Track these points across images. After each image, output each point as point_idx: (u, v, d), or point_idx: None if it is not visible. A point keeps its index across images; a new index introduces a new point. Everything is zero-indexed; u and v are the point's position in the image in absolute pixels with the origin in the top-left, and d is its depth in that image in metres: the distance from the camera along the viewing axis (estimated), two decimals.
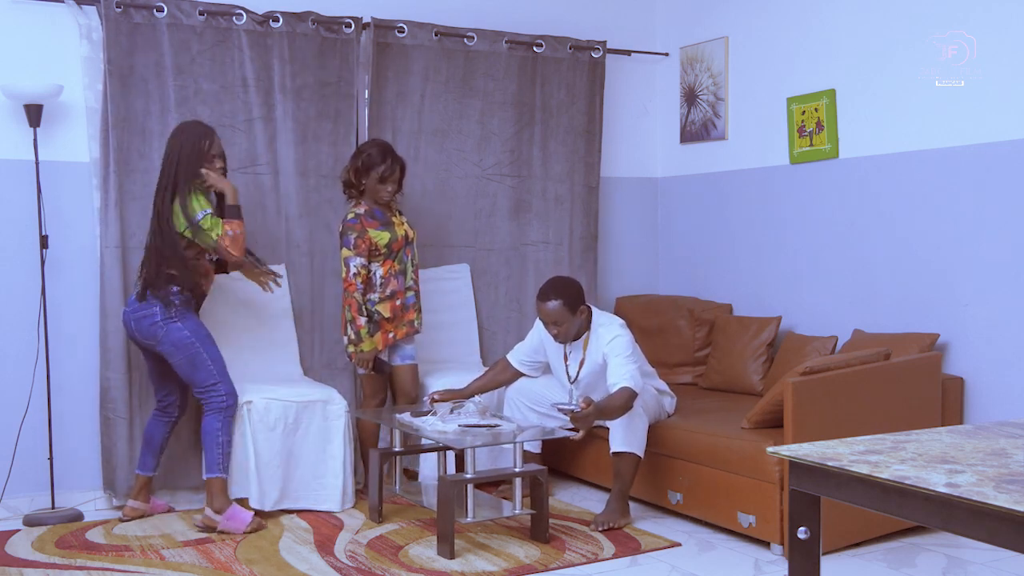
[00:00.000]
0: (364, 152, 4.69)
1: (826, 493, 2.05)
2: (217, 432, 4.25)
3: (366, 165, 4.65)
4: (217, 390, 4.26)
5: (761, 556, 3.94)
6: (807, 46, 5.12)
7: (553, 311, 4.32)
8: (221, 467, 4.25)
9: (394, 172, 4.67)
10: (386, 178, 4.65)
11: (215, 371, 4.25)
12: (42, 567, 3.83)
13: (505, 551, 3.97)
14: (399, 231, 4.72)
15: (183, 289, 4.24)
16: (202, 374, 4.25)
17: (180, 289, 4.23)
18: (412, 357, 4.84)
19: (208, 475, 4.27)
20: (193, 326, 4.25)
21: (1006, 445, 2.16)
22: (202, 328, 4.29)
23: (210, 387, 4.26)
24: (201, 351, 4.23)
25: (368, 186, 4.67)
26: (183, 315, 4.23)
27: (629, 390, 4.20)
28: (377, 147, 4.69)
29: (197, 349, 4.22)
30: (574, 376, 4.50)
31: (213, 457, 4.25)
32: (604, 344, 4.34)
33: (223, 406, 4.26)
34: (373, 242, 4.64)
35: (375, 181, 4.65)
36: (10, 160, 4.56)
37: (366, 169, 4.65)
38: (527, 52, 5.50)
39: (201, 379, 4.26)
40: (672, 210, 6.07)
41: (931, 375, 4.19)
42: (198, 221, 4.18)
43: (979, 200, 4.35)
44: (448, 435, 4.01)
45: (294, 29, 4.93)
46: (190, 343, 4.22)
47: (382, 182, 4.65)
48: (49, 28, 4.60)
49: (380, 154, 4.65)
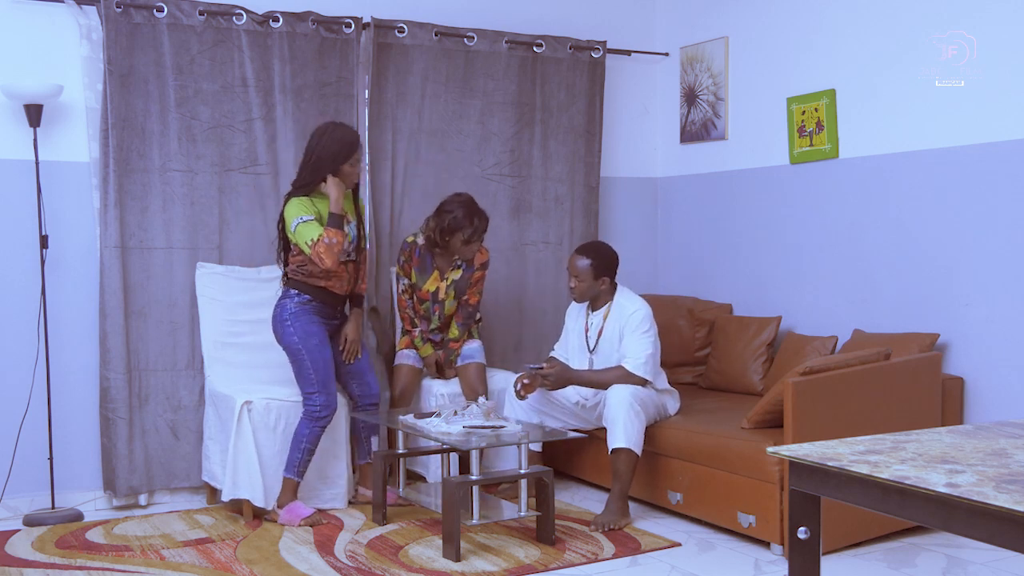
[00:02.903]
0: (450, 213, 4.69)
1: (826, 493, 2.05)
2: (303, 438, 4.34)
3: (451, 227, 4.69)
4: (313, 400, 4.34)
5: (761, 556, 3.94)
6: (807, 46, 5.12)
7: (579, 267, 4.50)
8: (295, 470, 4.35)
9: (480, 233, 4.74)
10: (471, 240, 4.71)
11: (315, 381, 4.33)
12: (42, 567, 3.83)
13: (506, 551, 3.97)
14: (431, 286, 4.84)
15: (301, 291, 4.37)
16: (302, 381, 4.36)
17: (298, 291, 4.37)
18: (472, 356, 4.93)
19: (284, 473, 4.37)
20: (303, 333, 4.34)
21: (1006, 445, 2.16)
22: (313, 336, 4.35)
23: (308, 395, 4.36)
24: (306, 359, 4.33)
25: (452, 244, 4.74)
26: (296, 319, 4.35)
27: (624, 370, 4.34)
28: (463, 208, 4.69)
29: (303, 356, 4.33)
30: (593, 345, 4.55)
31: (292, 458, 4.36)
32: (625, 316, 4.47)
33: (315, 416, 4.35)
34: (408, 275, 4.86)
35: (459, 242, 4.72)
36: (10, 160, 4.56)
37: (451, 231, 4.70)
38: (527, 52, 5.50)
39: (301, 385, 4.38)
40: (672, 210, 6.07)
41: (931, 375, 4.19)
42: (294, 227, 4.26)
43: (979, 200, 4.35)
44: (453, 437, 4.01)
45: (294, 29, 4.93)
46: (297, 349, 4.33)
47: (466, 243, 4.72)
48: (49, 28, 4.60)
49: (466, 217, 4.67)
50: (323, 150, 4.30)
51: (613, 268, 4.55)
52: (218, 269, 4.80)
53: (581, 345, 4.65)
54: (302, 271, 4.38)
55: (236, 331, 4.76)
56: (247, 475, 4.36)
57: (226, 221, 4.88)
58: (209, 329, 4.74)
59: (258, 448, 4.38)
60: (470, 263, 4.88)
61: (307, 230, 4.24)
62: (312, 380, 4.35)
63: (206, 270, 4.77)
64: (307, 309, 4.38)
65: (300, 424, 4.37)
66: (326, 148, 4.30)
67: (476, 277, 4.91)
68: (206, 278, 4.77)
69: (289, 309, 4.37)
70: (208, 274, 4.77)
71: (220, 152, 4.84)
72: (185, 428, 4.78)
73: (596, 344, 4.57)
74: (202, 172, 4.81)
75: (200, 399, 4.80)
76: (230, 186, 4.87)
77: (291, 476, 4.36)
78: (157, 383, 4.73)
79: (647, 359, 4.41)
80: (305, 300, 4.38)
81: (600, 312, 4.59)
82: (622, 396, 4.27)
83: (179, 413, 4.78)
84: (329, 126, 4.40)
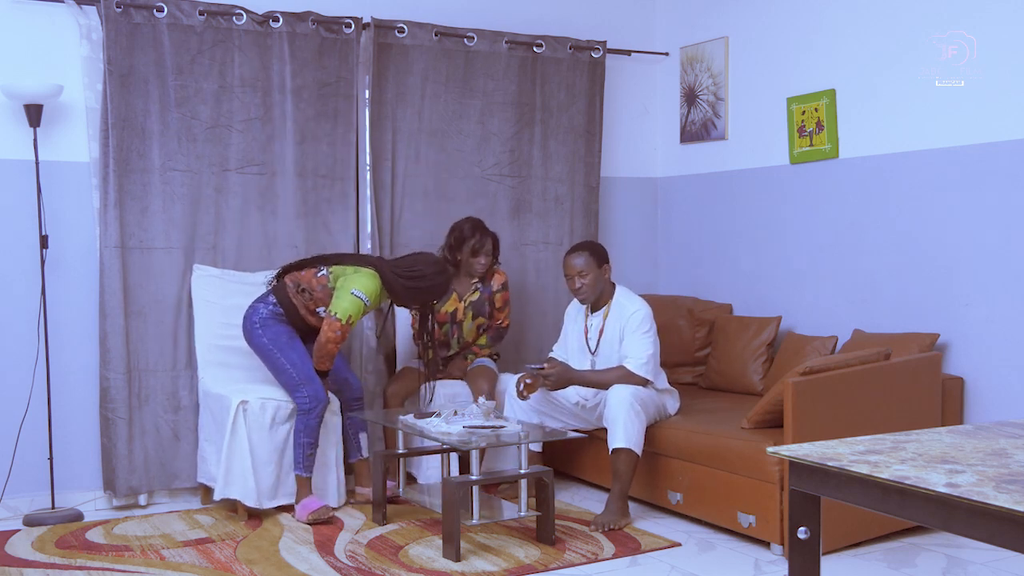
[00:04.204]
0: (456, 229, 4.97)
1: (826, 493, 2.05)
2: (299, 433, 4.39)
3: (458, 240, 4.91)
4: (300, 393, 4.39)
5: (761, 556, 3.94)
6: (807, 46, 5.12)
7: (580, 264, 4.50)
8: (301, 465, 4.40)
9: (484, 245, 4.90)
10: (477, 251, 4.90)
11: (294, 374, 4.38)
12: (42, 567, 3.83)
13: (506, 551, 3.97)
14: (449, 307, 4.96)
15: (280, 303, 4.46)
16: (283, 379, 4.42)
17: (277, 302, 4.45)
18: (484, 363, 5.04)
19: (293, 471, 4.42)
20: (272, 334, 4.41)
21: (1006, 445, 2.16)
22: (283, 335, 4.42)
23: (294, 391, 4.40)
24: (279, 356, 4.40)
25: (463, 259, 4.92)
26: (265, 323, 4.44)
27: (625, 370, 4.35)
28: (469, 223, 4.97)
29: (275, 355, 4.40)
30: (594, 347, 4.55)
31: (295, 455, 4.42)
32: (625, 316, 4.47)
33: (305, 408, 4.39)
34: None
35: (468, 255, 4.91)
36: (10, 160, 4.56)
37: (458, 244, 4.91)
38: (527, 52, 5.50)
39: (284, 384, 4.43)
40: (672, 210, 6.07)
41: (931, 375, 4.19)
42: (350, 291, 4.34)
43: (979, 200, 4.35)
44: (453, 437, 4.01)
45: (294, 29, 4.93)
46: (268, 349, 4.40)
47: (473, 255, 4.91)
48: (49, 28, 4.60)
49: (471, 229, 4.94)
50: (430, 284, 4.50)
51: (607, 256, 4.61)
52: (214, 272, 4.79)
53: (581, 346, 4.65)
54: (301, 296, 4.45)
55: (232, 334, 4.73)
56: (240, 475, 4.35)
57: (226, 221, 4.87)
58: (204, 332, 4.73)
59: (252, 448, 4.37)
60: (486, 283, 4.99)
61: (352, 306, 4.34)
62: (291, 375, 4.39)
63: (202, 272, 4.77)
64: (277, 319, 4.46)
65: (295, 421, 4.41)
66: (438, 286, 4.52)
67: (501, 300, 5.04)
68: (202, 281, 4.77)
69: (260, 313, 4.46)
70: (204, 276, 4.77)
71: (220, 152, 4.84)
72: (185, 428, 4.78)
73: (597, 346, 4.57)
74: (202, 172, 4.81)
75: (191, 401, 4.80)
76: (229, 186, 4.87)
77: (298, 472, 4.40)
78: (157, 383, 4.73)
79: (648, 359, 4.41)
80: (279, 312, 4.46)
81: (600, 313, 4.59)
82: (622, 396, 4.27)
83: (179, 413, 4.78)
84: (443, 270, 4.58)
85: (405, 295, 4.50)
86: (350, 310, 4.34)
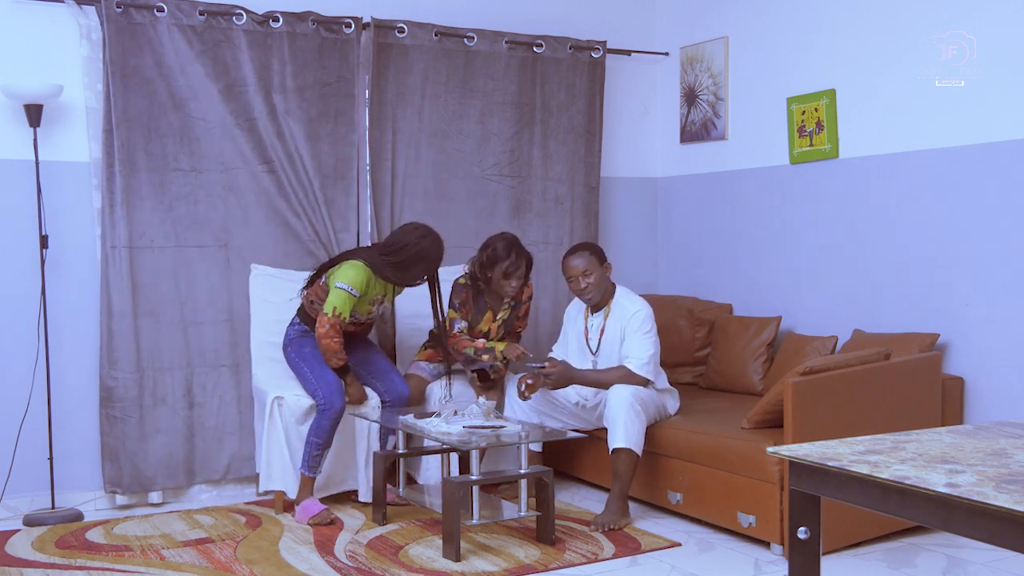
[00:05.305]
0: (490, 247, 4.74)
1: (826, 493, 2.05)
2: (311, 432, 4.47)
3: (491, 260, 4.71)
4: (317, 395, 4.49)
5: (761, 556, 3.94)
6: (807, 46, 5.13)
7: (582, 264, 4.48)
8: (306, 464, 4.45)
9: (519, 268, 4.73)
10: (510, 273, 4.71)
11: (312, 378, 4.52)
12: (42, 567, 3.83)
13: (506, 551, 3.97)
14: (484, 326, 4.89)
15: (303, 321, 4.61)
16: (306, 385, 4.57)
17: (300, 320, 4.62)
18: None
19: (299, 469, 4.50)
20: (299, 352, 4.59)
21: (1006, 445, 2.16)
22: (306, 348, 4.57)
23: (313, 394, 4.52)
24: (303, 366, 4.56)
25: (493, 279, 4.74)
26: (292, 343, 4.62)
27: (626, 370, 4.36)
28: (504, 242, 4.73)
29: (300, 366, 4.57)
30: (596, 347, 4.54)
31: (303, 454, 4.48)
32: (626, 317, 4.46)
33: (320, 409, 4.48)
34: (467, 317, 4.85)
35: (499, 276, 4.71)
36: (10, 160, 4.56)
37: (491, 263, 4.71)
38: (527, 52, 5.50)
39: (307, 389, 4.57)
40: (672, 210, 6.07)
41: (931, 375, 4.19)
42: (336, 285, 4.41)
43: (979, 200, 4.35)
44: (453, 437, 4.01)
45: (294, 29, 4.93)
46: (296, 363, 4.60)
47: (506, 277, 4.71)
48: (49, 28, 4.60)
49: (505, 249, 4.69)
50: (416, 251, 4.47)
51: (605, 255, 4.61)
52: (271, 271, 4.91)
53: (582, 347, 4.64)
54: (313, 308, 4.57)
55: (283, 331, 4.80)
56: (280, 468, 4.50)
57: (226, 221, 4.88)
58: (259, 329, 4.85)
59: (288, 442, 4.51)
60: (517, 299, 4.93)
61: (336, 298, 4.40)
62: (310, 379, 4.51)
63: (260, 272, 4.90)
64: (304, 340, 4.60)
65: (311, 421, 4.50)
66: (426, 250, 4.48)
67: (524, 310, 5.03)
68: (260, 279, 4.89)
69: (289, 335, 4.65)
70: (261, 276, 4.89)
71: (220, 152, 4.84)
72: (189, 428, 4.78)
73: (599, 346, 4.57)
74: (203, 172, 4.81)
75: (205, 398, 4.83)
76: (229, 186, 4.87)
77: (304, 472, 4.45)
78: (164, 382, 4.73)
79: (649, 359, 4.41)
80: (304, 330, 4.60)
81: (600, 313, 4.59)
82: (623, 396, 4.27)
83: (190, 411, 4.79)
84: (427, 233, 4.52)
85: (396, 272, 4.50)
86: (335, 302, 4.40)
